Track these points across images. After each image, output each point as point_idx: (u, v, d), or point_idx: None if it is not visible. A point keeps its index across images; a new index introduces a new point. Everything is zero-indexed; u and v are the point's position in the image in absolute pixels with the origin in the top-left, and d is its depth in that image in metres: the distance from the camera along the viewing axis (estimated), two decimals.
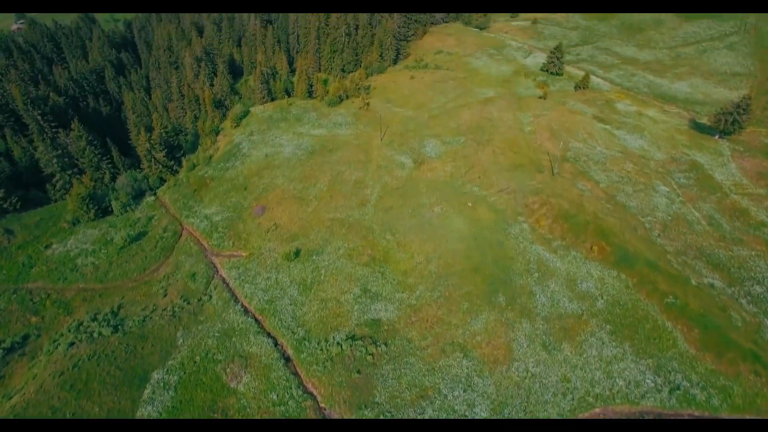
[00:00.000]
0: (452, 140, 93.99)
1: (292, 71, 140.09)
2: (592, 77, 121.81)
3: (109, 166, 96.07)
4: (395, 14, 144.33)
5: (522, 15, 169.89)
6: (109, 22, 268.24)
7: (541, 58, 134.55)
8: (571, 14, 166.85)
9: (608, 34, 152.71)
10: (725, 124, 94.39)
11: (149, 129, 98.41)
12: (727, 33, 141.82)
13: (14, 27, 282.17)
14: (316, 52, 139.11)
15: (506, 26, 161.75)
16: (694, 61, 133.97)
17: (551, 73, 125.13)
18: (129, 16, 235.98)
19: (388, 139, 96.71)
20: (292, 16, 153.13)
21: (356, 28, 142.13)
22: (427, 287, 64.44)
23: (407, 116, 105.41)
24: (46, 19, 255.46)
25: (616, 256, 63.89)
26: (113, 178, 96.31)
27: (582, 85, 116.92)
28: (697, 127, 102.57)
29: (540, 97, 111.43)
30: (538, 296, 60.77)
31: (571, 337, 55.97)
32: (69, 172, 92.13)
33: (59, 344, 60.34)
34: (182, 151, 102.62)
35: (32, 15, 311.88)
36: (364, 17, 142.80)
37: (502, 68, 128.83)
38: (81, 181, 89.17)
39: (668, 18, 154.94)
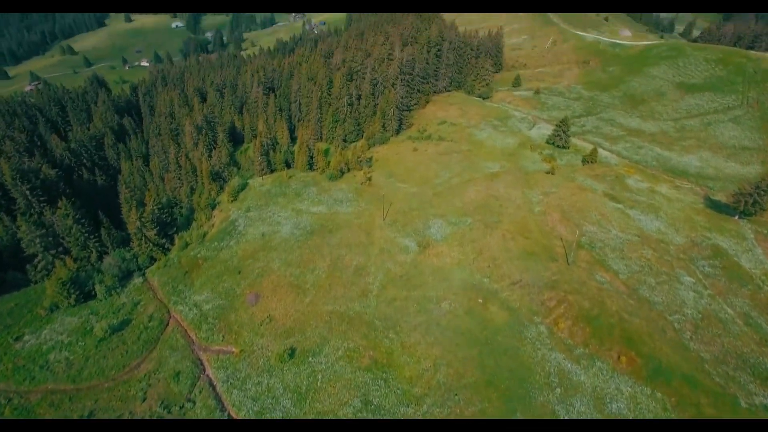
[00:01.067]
0: (458, 221, 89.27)
1: (293, 140, 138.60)
2: (600, 150, 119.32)
3: (97, 245, 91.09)
4: (398, 83, 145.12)
5: (524, 84, 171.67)
6: (118, 83, 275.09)
7: (545, 129, 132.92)
8: (573, 84, 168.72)
9: (611, 105, 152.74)
10: (745, 205, 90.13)
11: (142, 204, 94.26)
12: (729, 106, 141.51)
13: (28, 88, 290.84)
14: (318, 122, 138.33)
15: (509, 96, 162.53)
16: (700, 134, 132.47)
17: (557, 146, 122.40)
18: (136, 79, 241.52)
19: (391, 218, 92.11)
20: (294, 84, 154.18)
21: (358, 98, 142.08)
22: (435, 401, 57.22)
23: (411, 193, 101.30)
24: (56, 81, 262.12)
25: (648, 369, 56.95)
26: (100, 257, 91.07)
27: (590, 159, 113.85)
28: (714, 205, 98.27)
29: (547, 172, 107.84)
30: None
31: None
32: (53, 251, 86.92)
33: None
34: (175, 228, 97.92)
35: (46, 77, 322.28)
36: (366, 87, 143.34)
37: (507, 140, 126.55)
38: (64, 263, 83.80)
39: (669, 90, 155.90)
